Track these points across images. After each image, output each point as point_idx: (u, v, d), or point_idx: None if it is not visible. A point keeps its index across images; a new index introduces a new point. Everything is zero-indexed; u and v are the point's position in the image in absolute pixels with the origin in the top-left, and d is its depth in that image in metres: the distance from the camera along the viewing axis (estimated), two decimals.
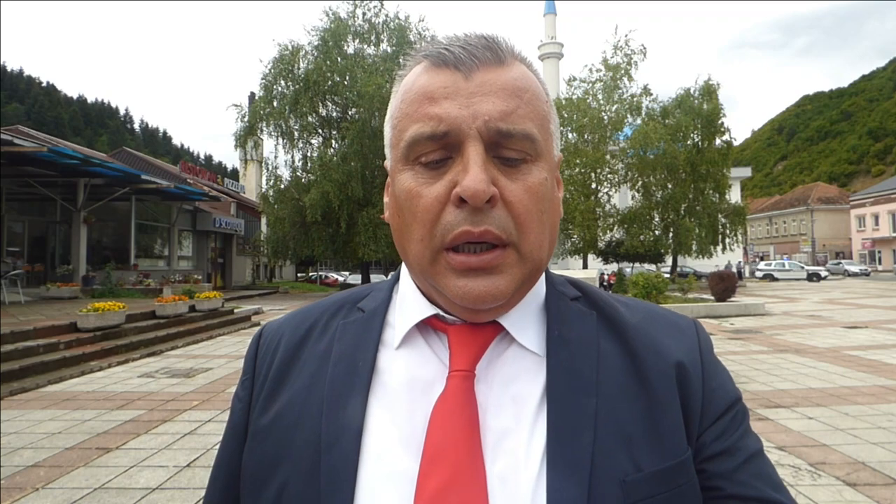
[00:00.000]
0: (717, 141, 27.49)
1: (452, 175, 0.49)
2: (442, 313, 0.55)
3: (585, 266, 27.97)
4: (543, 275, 0.60)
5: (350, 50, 25.59)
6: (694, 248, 26.97)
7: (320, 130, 26.38)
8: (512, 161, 0.50)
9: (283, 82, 25.03)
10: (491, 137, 0.49)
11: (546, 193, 0.52)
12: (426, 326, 0.57)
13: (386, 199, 0.58)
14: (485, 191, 0.47)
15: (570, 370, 0.53)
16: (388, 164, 0.57)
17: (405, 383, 0.54)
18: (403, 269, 0.62)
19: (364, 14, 26.05)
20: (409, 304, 0.58)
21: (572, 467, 0.47)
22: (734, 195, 35.01)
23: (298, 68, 24.67)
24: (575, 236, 26.26)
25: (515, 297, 0.54)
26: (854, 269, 45.36)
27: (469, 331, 0.54)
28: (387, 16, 26.30)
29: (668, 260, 31.16)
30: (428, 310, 0.56)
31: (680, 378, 0.54)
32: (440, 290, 0.51)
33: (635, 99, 27.14)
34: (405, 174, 0.52)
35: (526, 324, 0.56)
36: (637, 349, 0.55)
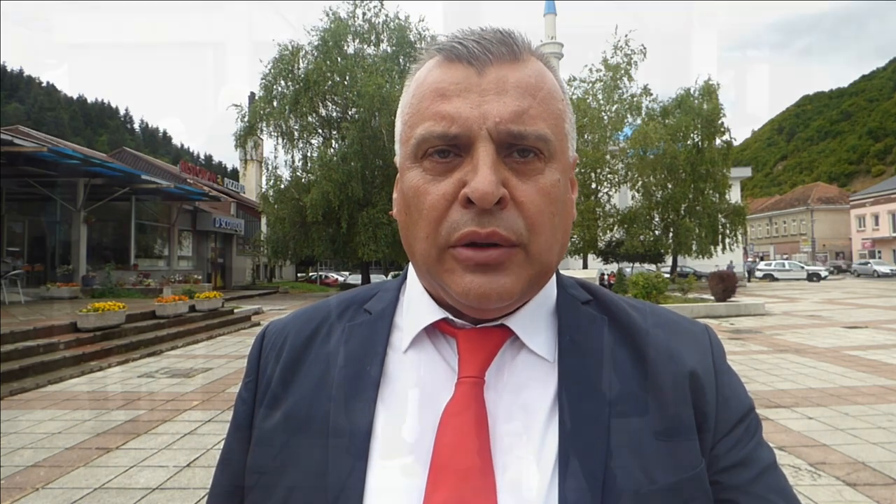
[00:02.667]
0: (717, 141, 27.55)
1: (461, 174, 0.48)
2: (451, 317, 0.54)
3: (585, 266, 27.94)
4: (554, 277, 0.59)
5: (350, 50, 25.59)
6: (694, 248, 26.99)
7: (320, 130, 26.37)
8: (524, 162, 0.49)
9: (283, 82, 25.03)
10: (502, 139, 0.47)
11: (559, 195, 0.50)
12: (435, 330, 0.56)
13: (395, 196, 0.57)
14: (493, 193, 0.45)
15: (582, 377, 0.51)
16: (397, 159, 0.55)
17: (413, 388, 0.53)
18: (410, 270, 0.60)
19: (364, 14, 26.08)
20: (417, 307, 0.57)
21: (585, 477, 0.46)
22: (734, 195, 34.93)
23: (298, 68, 24.67)
24: (575, 236, 26.24)
25: (523, 298, 0.53)
26: (884, 269, 40.07)
27: (479, 336, 0.53)
28: (387, 16, 26.34)
29: (668, 260, 31.16)
30: (437, 313, 0.55)
31: (693, 386, 0.53)
32: (445, 289, 0.50)
33: (635, 99, 27.19)
34: (414, 171, 0.50)
35: (536, 328, 0.55)
36: (650, 356, 0.54)
